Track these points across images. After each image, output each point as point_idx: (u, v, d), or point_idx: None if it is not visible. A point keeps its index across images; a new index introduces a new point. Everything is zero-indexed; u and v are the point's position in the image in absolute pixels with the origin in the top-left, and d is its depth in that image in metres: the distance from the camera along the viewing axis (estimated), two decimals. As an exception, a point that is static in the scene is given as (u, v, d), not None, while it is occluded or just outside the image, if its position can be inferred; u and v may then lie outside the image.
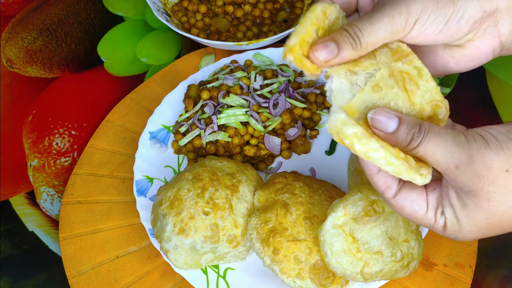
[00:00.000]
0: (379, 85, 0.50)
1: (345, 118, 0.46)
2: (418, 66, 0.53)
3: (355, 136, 0.46)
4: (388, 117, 0.48)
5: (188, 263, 0.69)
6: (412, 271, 0.64)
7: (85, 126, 0.95)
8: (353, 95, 0.50)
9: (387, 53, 0.52)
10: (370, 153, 0.46)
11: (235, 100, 0.83)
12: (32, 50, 1.05)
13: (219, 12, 1.00)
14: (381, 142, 0.47)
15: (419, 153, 0.48)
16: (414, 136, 0.48)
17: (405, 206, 0.51)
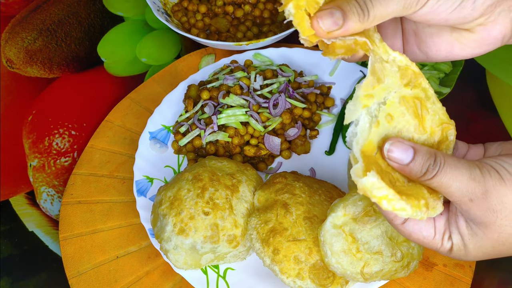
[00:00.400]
0: (391, 114, 0.50)
1: (376, 181, 0.46)
2: (425, 87, 0.52)
3: (385, 198, 0.46)
4: (403, 150, 0.49)
5: (188, 263, 0.69)
6: (412, 271, 0.64)
7: (85, 126, 0.95)
8: (371, 130, 0.49)
9: (395, 74, 0.51)
10: (397, 211, 0.47)
11: (235, 100, 0.83)
12: (32, 50, 1.05)
13: (219, 12, 1.00)
14: (409, 201, 0.47)
15: (433, 184, 0.49)
16: (430, 168, 0.48)
17: (414, 232, 0.52)
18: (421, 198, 0.49)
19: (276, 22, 1.00)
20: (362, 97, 0.49)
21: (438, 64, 0.91)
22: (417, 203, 0.48)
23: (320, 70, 0.92)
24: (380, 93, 0.50)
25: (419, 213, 0.48)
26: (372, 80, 0.50)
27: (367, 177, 0.46)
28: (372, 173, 0.46)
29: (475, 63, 0.97)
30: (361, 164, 0.47)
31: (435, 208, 0.50)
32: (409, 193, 0.49)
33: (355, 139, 0.49)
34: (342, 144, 0.85)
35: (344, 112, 0.88)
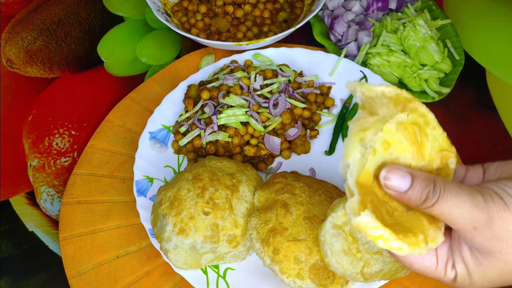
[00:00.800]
0: (387, 141, 0.48)
1: (370, 221, 0.44)
2: (424, 112, 0.50)
3: (380, 237, 0.45)
4: (401, 176, 0.47)
5: (188, 263, 0.69)
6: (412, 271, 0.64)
7: (85, 126, 0.95)
8: (366, 160, 0.46)
9: (388, 104, 0.49)
10: (394, 251, 0.45)
11: (235, 100, 0.83)
12: (32, 50, 1.05)
13: (219, 12, 1.00)
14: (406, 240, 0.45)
15: (433, 212, 0.47)
16: (429, 195, 0.46)
17: (415, 262, 0.50)
18: (420, 232, 0.47)
19: (276, 22, 1.00)
20: (357, 132, 0.47)
21: (438, 64, 0.91)
22: (414, 240, 0.46)
23: (320, 70, 0.92)
24: (376, 124, 0.47)
25: (417, 249, 0.46)
26: (364, 114, 0.49)
27: (360, 216, 0.44)
28: (366, 213, 0.44)
29: (475, 63, 0.97)
30: (357, 198, 0.44)
31: (435, 239, 0.48)
32: (407, 226, 0.46)
33: (348, 171, 0.46)
34: (342, 144, 0.85)
35: (344, 112, 0.88)
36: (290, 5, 1.02)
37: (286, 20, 1.01)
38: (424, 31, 0.93)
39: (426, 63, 0.91)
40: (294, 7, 1.02)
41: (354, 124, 0.48)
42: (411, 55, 0.92)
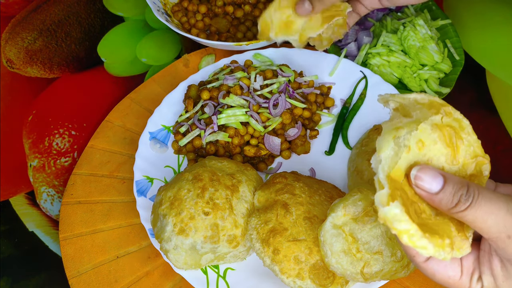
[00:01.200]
0: (422, 140, 0.47)
1: (398, 213, 0.43)
2: (458, 117, 0.50)
3: (406, 232, 0.43)
4: (432, 176, 0.45)
5: (188, 263, 0.69)
6: (412, 271, 0.64)
7: (85, 126, 0.95)
8: (399, 158, 0.46)
9: (421, 108, 0.49)
10: (418, 249, 0.44)
11: (235, 101, 0.83)
12: (32, 50, 1.05)
13: (219, 13, 1.00)
14: (432, 240, 0.44)
15: (465, 218, 0.45)
16: (462, 199, 0.44)
17: (438, 271, 0.48)
18: (446, 237, 0.45)
19: (276, 22, 1.00)
20: (391, 130, 0.47)
21: (438, 64, 0.91)
22: (440, 242, 0.44)
23: (320, 70, 0.92)
24: (410, 125, 0.47)
25: (442, 253, 0.44)
26: (397, 115, 0.48)
27: (389, 207, 0.43)
28: (395, 204, 0.43)
29: (475, 63, 0.97)
30: (387, 190, 0.44)
31: (461, 249, 0.46)
32: (434, 228, 0.45)
33: (380, 165, 0.45)
34: (342, 144, 0.85)
35: (344, 112, 0.88)
36: (290, 5, 1.02)
37: (286, 20, 1.01)
38: (424, 31, 0.93)
39: (426, 63, 0.91)
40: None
41: (388, 124, 0.48)
42: (411, 55, 0.92)
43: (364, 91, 0.88)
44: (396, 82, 0.92)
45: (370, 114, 0.87)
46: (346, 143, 0.85)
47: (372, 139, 0.79)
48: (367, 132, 0.83)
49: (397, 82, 0.92)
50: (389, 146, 0.46)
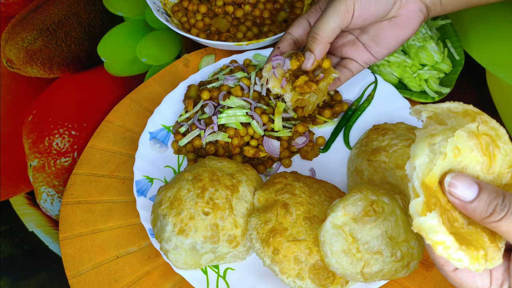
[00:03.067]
0: (458, 147, 0.46)
1: (435, 224, 0.42)
2: (495, 126, 0.49)
3: (442, 244, 0.42)
4: (467, 184, 0.44)
5: (188, 263, 0.69)
6: (412, 271, 0.64)
7: (85, 126, 0.95)
8: (434, 164, 0.45)
9: (456, 117, 0.48)
10: (453, 261, 0.43)
11: (236, 102, 0.83)
12: (32, 50, 1.05)
13: (219, 12, 1.00)
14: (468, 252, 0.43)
15: (499, 228, 0.44)
16: (497, 208, 0.43)
17: (467, 282, 0.48)
18: (481, 248, 0.44)
19: (276, 22, 1.00)
20: (426, 137, 0.46)
21: (438, 64, 0.91)
22: (476, 254, 0.43)
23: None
24: (445, 132, 0.46)
25: (476, 265, 0.43)
26: (431, 123, 0.48)
27: (426, 217, 0.42)
28: (433, 215, 0.42)
29: (475, 63, 0.97)
30: (422, 199, 0.43)
31: (493, 259, 0.45)
32: (468, 239, 0.44)
33: (415, 172, 0.45)
34: (342, 143, 0.85)
35: (349, 113, 0.87)
36: (290, 5, 1.02)
37: (286, 20, 1.01)
38: (424, 31, 0.93)
39: (426, 63, 0.91)
40: (294, 7, 1.02)
41: (422, 131, 0.47)
42: (411, 55, 0.92)
43: (373, 93, 0.88)
44: (396, 82, 0.92)
45: (370, 115, 0.87)
46: (347, 143, 0.85)
47: (372, 139, 0.79)
48: (366, 132, 0.83)
49: (397, 82, 0.92)
50: (424, 153, 0.45)
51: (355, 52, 0.79)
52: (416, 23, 0.74)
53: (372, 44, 0.78)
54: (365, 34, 0.79)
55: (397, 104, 0.86)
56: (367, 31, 0.78)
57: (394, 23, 0.75)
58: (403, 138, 0.76)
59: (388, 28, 0.76)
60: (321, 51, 0.72)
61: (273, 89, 0.75)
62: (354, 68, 0.80)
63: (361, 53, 0.79)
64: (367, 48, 0.79)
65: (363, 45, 0.79)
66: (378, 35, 0.77)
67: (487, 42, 0.99)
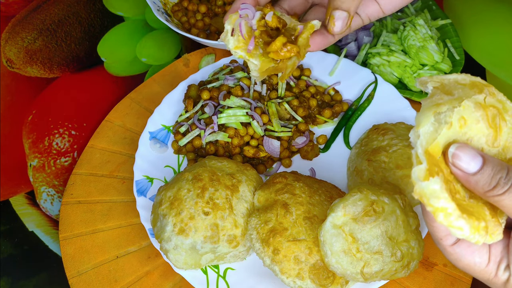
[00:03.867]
0: (464, 117, 0.45)
1: (438, 189, 0.41)
2: (502, 99, 0.48)
3: (443, 211, 0.42)
4: (471, 156, 0.43)
5: (188, 263, 0.69)
6: (412, 271, 0.64)
7: (85, 126, 0.95)
8: (438, 134, 0.44)
9: (463, 88, 0.47)
10: (453, 229, 0.42)
11: (236, 102, 0.83)
12: (32, 50, 1.05)
13: (219, 12, 1.00)
14: (469, 221, 0.42)
15: (501, 202, 0.43)
16: (500, 182, 0.42)
17: (464, 256, 0.47)
18: (482, 219, 0.43)
19: (276, 22, 1.00)
20: (431, 106, 0.45)
21: (438, 64, 0.91)
22: (477, 224, 0.42)
23: (320, 70, 0.92)
24: (452, 102, 0.45)
25: (477, 236, 0.43)
26: (438, 92, 0.47)
27: (429, 181, 0.41)
28: (435, 179, 0.41)
29: (475, 63, 0.97)
30: (425, 166, 0.42)
31: (494, 234, 0.44)
32: (469, 210, 0.43)
33: (418, 140, 0.44)
34: (342, 143, 0.85)
35: (349, 113, 0.87)
36: (290, 5, 1.02)
37: (286, 20, 1.01)
38: (424, 31, 0.93)
39: (426, 63, 0.91)
40: (294, 7, 1.02)
41: (428, 100, 0.46)
42: (411, 55, 0.92)
43: (373, 93, 0.88)
44: (396, 82, 0.92)
45: (370, 115, 0.87)
46: (347, 143, 0.85)
47: (372, 139, 0.79)
48: (366, 132, 0.83)
49: (397, 82, 0.92)
50: (428, 121, 0.44)
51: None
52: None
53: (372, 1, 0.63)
54: None
55: (397, 104, 0.86)
56: None
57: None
58: (403, 138, 0.76)
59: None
60: (356, 6, 0.56)
61: (234, 51, 0.57)
62: (353, 23, 0.64)
63: (366, 4, 0.64)
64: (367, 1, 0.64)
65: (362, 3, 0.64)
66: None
67: (487, 42, 0.99)
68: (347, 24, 0.57)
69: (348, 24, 0.57)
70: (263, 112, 0.84)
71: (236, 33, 0.55)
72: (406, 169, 0.72)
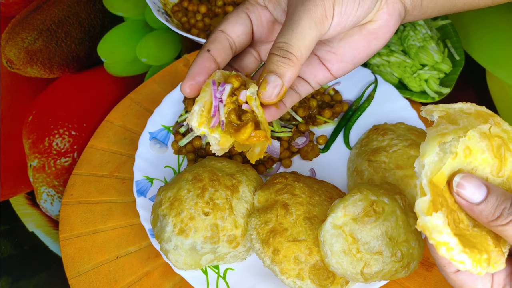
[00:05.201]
0: (470, 147, 0.46)
1: (440, 224, 0.42)
2: (507, 129, 0.48)
3: (445, 244, 0.42)
4: (476, 186, 0.44)
5: (188, 263, 0.69)
6: (412, 271, 0.64)
7: (85, 126, 0.95)
8: (444, 164, 0.45)
9: (469, 117, 0.48)
10: (455, 263, 0.43)
11: (235, 101, 0.83)
12: (32, 51, 1.05)
13: (219, 12, 1.00)
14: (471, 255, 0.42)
15: (505, 232, 0.43)
16: (504, 212, 0.43)
17: (467, 284, 0.47)
18: (484, 251, 0.44)
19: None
20: (437, 136, 0.46)
21: (438, 64, 0.91)
22: (479, 258, 0.43)
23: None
24: (457, 131, 0.46)
25: (479, 268, 0.43)
26: (443, 122, 0.47)
27: (431, 217, 0.42)
28: (438, 215, 0.42)
29: (475, 63, 0.97)
30: (429, 197, 0.43)
31: (496, 264, 0.45)
32: (472, 241, 0.44)
33: (423, 171, 0.44)
34: (342, 143, 0.85)
35: (349, 114, 0.87)
36: (290, 5, 1.02)
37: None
38: (424, 31, 0.93)
39: (426, 63, 0.91)
40: (294, 7, 1.01)
41: (433, 130, 0.47)
42: (411, 55, 0.92)
43: (373, 93, 0.88)
44: (396, 82, 0.92)
45: (370, 115, 0.87)
46: (347, 143, 0.85)
47: (372, 139, 0.79)
48: (366, 132, 0.83)
49: (397, 82, 0.92)
50: (433, 151, 0.45)
51: (306, 69, 0.63)
52: (392, 30, 0.60)
53: (333, 58, 0.62)
54: (325, 45, 0.62)
55: (397, 104, 0.86)
56: (329, 41, 0.62)
57: (368, 30, 0.60)
58: (403, 138, 0.76)
59: (359, 37, 0.60)
60: (293, 76, 0.52)
61: (198, 128, 0.54)
62: (302, 90, 0.64)
63: (315, 71, 0.63)
64: (325, 63, 0.63)
65: (319, 59, 0.63)
66: (344, 46, 0.61)
67: (487, 42, 0.99)
68: (279, 93, 0.52)
69: (281, 93, 0.52)
70: None
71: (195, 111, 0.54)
72: (406, 169, 0.72)
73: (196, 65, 0.56)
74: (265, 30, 0.60)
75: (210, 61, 0.56)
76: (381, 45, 0.61)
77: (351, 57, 0.62)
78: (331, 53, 0.62)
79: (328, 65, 0.63)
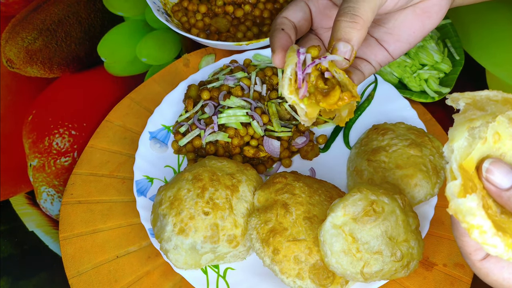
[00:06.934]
0: (499, 132, 0.46)
1: (474, 207, 0.41)
2: None
3: (478, 228, 0.42)
4: (505, 171, 0.43)
5: (188, 263, 0.69)
6: (412, 271, 0.64)
7: (85, 126, 0.95)
8: (473, 149, 0.45)
9: (496, 104, 0.48)
10: (487, 246, 0.42)
11: (236, 102, 0.83)
12: (32, 50, 1.05)
13: (219, 12, 1.00)
14: (504, 239, 0.42)
15: None
16: None
17: (493, 272, 0.47)
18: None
19: (276, 22, 1.00)
20: (465, 121, 0.46)
21: (438, 64, 0.91)
22: (511, 242, 0.43)
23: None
24: (485, 117, 0.46)
25: (510, 253, 0.43)
26: (471, 108, 0.47)
27: (466, 199, 0.41)
28: (473, 197, 0.41)
29: (475, 63, 0.97)
30: (460, 181, 0.42)
31: None
32: (502, 226, 0.44)
33: (453, 155, 0.44)
34: (342, 143, 0.85)
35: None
36: (290, 5, 1.02)
37: (286, 20, 1.01)
38: (424, 31, 0.93)
39: (426, 63, 0.91)
40: (294, 7, 1.01)
41: (461, 116, 0.47)
42: (411, 55, 0.92)
43: (373, 93, 0.88)
44: (396, 82, 0.92)
45: (370, 115, 0.87)
46: (347, 143, 0.85)
47: (372, 139, 0.79)
48: (366, 132, 0.83)
49: (397, 82, 0.92)
50: (462, 136, 0.45)
51: (366, 50, 0.65)
52: (444, 9, 0.63)
53: (390, 38, 0.65)
54: (381, 27, 0.65)
55: (397, 104, 0.86)
56: (384, 22, 0.64)
57: (421, 9, 0.62)
58: (403, 138, 0.76)
59: (413, 16, 0.63)
60: (361, 39, 0.55)
61: (289, 96, 0.56)
62: (366, 69, 0.66)
63: (375, 51, 0.65)
64: (382, 44, 0.65)
65: (377, 41, 0.66)
66: (399, 26, 0.63)
67: (487, 42, 0.99)
68: (350, 58, 0.55)
69: (352, 57, 0.55)
70: (263, 112, 0.84)
71: (286, 78, 0.55)
72: (406, 169, 0.72)
73: (277, 40, 0.60)
74: (324, 16, 0.64)
75: (287, 37, 0.60)
76: (435, 24, 0.63)
77: (406, 37, 0.64)
78: (387, 34, 0.65)
79: (385, 46, 0.65)
